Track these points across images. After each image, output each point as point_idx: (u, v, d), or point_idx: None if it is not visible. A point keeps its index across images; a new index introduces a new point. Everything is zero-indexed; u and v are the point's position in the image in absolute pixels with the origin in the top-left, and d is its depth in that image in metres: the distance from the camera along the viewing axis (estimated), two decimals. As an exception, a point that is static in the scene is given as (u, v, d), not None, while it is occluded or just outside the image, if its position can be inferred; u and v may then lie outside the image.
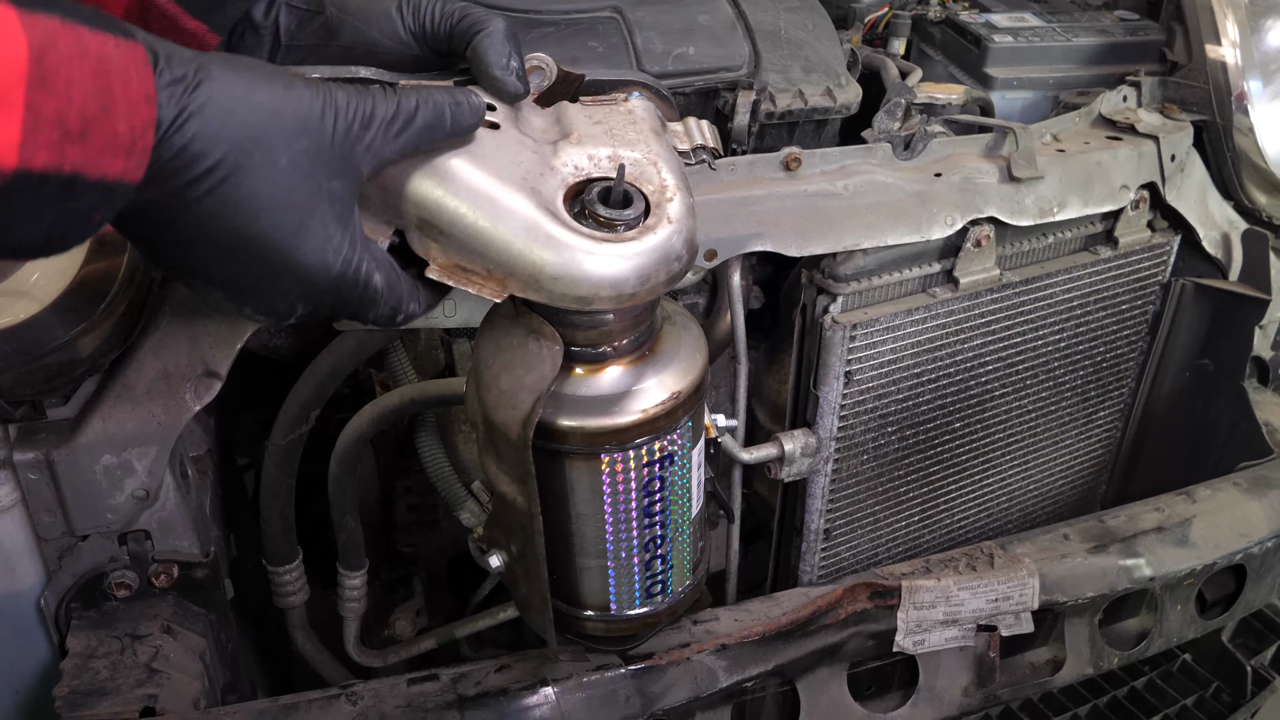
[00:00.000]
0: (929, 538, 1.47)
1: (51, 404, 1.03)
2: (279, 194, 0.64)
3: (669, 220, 0.74)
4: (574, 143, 0.77)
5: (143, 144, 0.56)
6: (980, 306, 1.30)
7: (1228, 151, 1.48)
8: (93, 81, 0.52)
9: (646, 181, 0.76)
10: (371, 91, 0.68)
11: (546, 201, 0.72)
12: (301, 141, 0.64)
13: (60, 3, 0.53)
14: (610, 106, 0.81)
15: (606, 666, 1.05)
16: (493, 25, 0.76)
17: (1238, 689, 1.53)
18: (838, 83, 1.28)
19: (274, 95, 0.63)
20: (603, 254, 0.71)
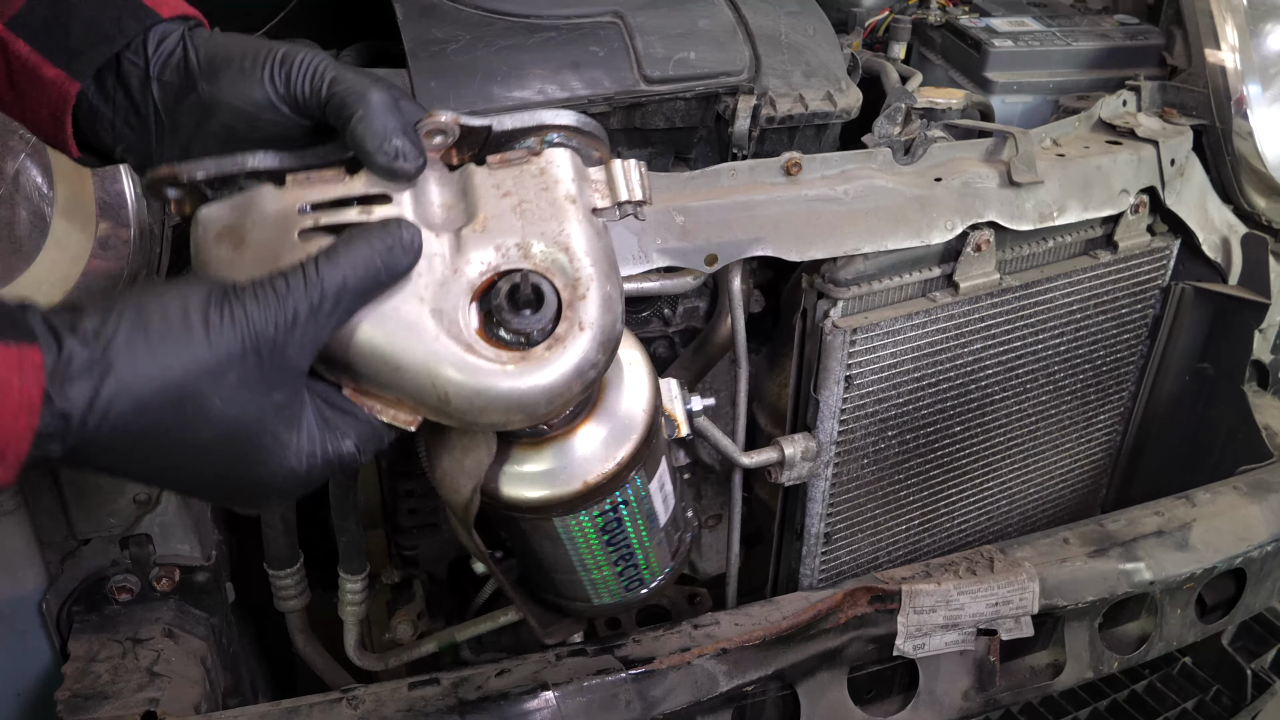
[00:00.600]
0: (929, 542, 1.47)
1: (53, 408, 1.03)
2: (219, 433, 0.62)
3: (580, 327, 0.69)
4: (479, 230, 0.70)
5: (15, 452, 0.55)
6: (980, 311, 1.30)
7: (1227, 155, 1.48)
8: None
9: (558, 272, 0.70)
10: (289, 286, 0.63)
11: (449, 322, 0.68)
12: (229, 378, 0.61)
13: None
14: (520, 168, 0.72)
15: (607, 671, 1.05)
16: (366, 105, 0.68)
17: (1238, 692, 1.53)
18: (838, 87, 1.28)
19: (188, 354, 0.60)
20: (510, 378, 0.68)
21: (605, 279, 0.71)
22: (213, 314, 0.61)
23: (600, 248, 0.72)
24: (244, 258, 0.69)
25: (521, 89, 1.19)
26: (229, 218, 0.71)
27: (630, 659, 1.07)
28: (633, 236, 1.11)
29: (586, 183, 0.75)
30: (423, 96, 1.15)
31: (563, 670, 1.05)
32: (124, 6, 0.71)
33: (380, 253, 0.66)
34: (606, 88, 1.21)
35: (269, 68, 0.69)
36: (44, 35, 0.69)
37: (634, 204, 0.76)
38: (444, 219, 0.72)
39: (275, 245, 0.69)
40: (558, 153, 0.73)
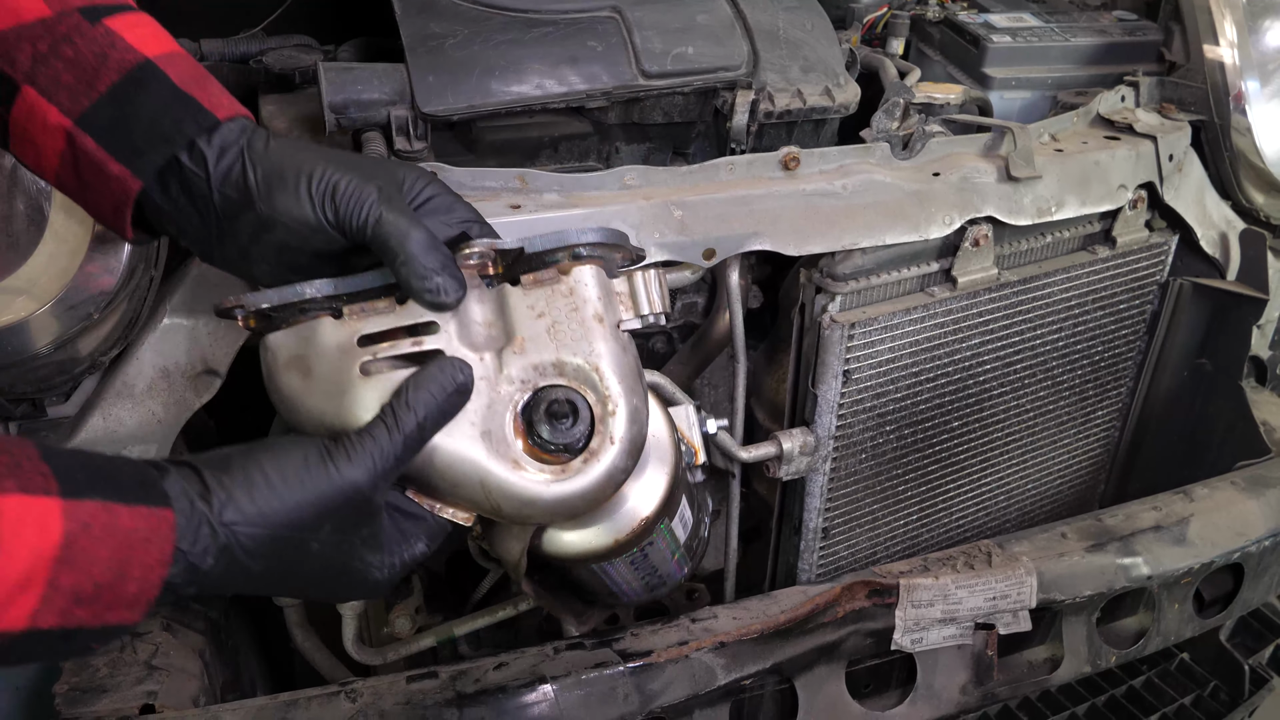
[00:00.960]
0: (927, 536, 1.47)
1: (52, 402, 1.04)
2: (316, 566, 0.73)
3: (611, 440, 0.79)
4: (518, 352, 0.79)
5: (148, 597, 0.63)
6: (978, 306, 1.31)
7: (1225, 151, 1.48)
8: (114, 555, 0.60)
9: (590, 389, 0.79)
10: (376, 440, 0.73)
11: (497, 441, 0.78)
12: (327, 527, 0.71)
13: (109, 478, 0.63)
14: (552, 288, 0.80)
15: (605, 664, 1.05)
16: (407, 249, 0.75)
17: (1235, 688, 1.53)
18: (836, 82, 1.28)
19: (294, 512, 0.69)
20: (552, 489, 0.78)
21: (632, 393, 0.81)
22: (311, 475, 0.70)
23: (626, 363, 0.81)
24: (312, 388, 0.79)
25: (519, 84, 1.19)
26: (295, 346, 0.80)
27: (628, 652, 1.07)
28: (631, 231, 1.11)
29: (612, 297, 0.83)
30: (420, 91, 1.15)
31: (561, 664, 1.05)
32: (183, 109, 0.77)
33: (443, 400, 0.75)
34: (604, 82, 1.21)
35: (321, 199, 0.76)
36: (110, 134, 0.75)
37: (655, 315, 0.86)
38: (485, 338, 0.80)
39: (339, 378, 0.78)
40: (584, 272, 0.81)
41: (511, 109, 1.18)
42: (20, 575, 0.57)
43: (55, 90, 0.74)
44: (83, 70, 0.75)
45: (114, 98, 0.75)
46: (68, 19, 0.75)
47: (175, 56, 0.79)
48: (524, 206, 1.09)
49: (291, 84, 1.32)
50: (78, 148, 0.75)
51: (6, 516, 0.56)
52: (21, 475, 0.58)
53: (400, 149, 1.18)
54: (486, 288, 0.81)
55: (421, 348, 0.78)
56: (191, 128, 0.76)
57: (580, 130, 1.27)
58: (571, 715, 1.02)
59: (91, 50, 0.75)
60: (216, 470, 0.68)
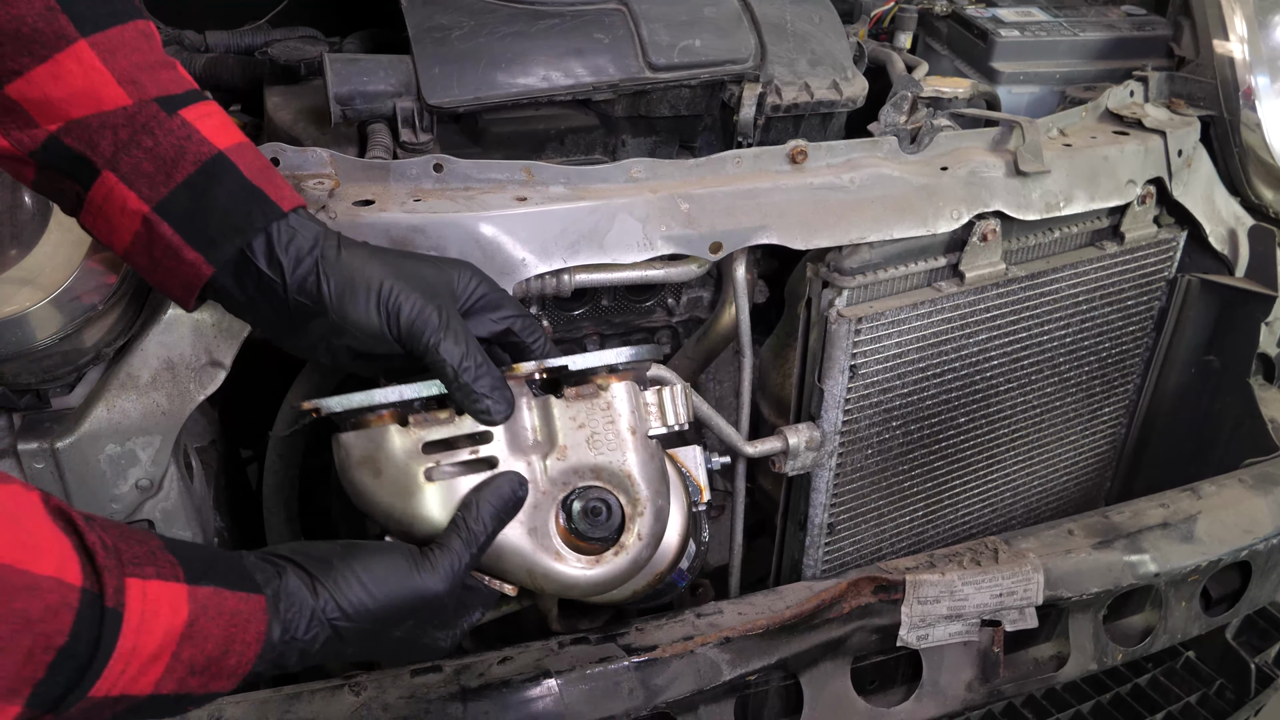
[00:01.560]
0: (933, 532, 1.46)
1: (56, 393, 1.03)
2: (396, 647, 0.85)
3: (639, 536, 0.93)
4: (561, 459, 0.92)
5: (243, 670, 0.73)
6: (986, 301, 1.30)
7: (1235, 147, 1.48)
8: (223, 633, 0.70)
9: (621, 491, 0.93)
10: (452, 548, 0.85)
11: (541, 535, 0.91)
12: (409, 621, 0.83)
13: (217, 567, 0.72)
14: (591, 403, 0.92)
15: (609, 659, 1.05)
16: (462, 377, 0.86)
17: (1241, 687, 1.53)
18: (844, 76, 1.28)
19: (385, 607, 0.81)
20: (587, 574, 0.92)
21: (658, 495, 0.94)
22: (399, 584, 0.81)
23: (654, 469, 0.95)
24: (382, 487, 0.90)
25: (525, 76, 1.18)
26: (365, 448, 0.90)
27: (633, 647, 1.07)
28: (637, 224, 1.11)
29: (643, 409, 0.95)
30: (426, 83, 1.15)
31: (565, 658, 1.05)
32: (251, 200, 0.84)
33: (504, 511, 0.88)
34: (611, 75, 1.20)
35: (387, 318, 0.86)
36: (185, 221, 0.82)
37: (679, 425, 0.98)
38: (532, 443, 0.92)
39: (406, 481, 0.89)
40: (620, 389, 0.93)
41: (517, 101, 1.18)
42: (155, 648, 0.65)
43: (135, 177, 0.81)
44: (162, 161, 0.81)
45: (190, 187, 0.82)
46: (147, 109, 0.81)
47: (243, 147, 0.85)
48: (530, 199, 1.08)
49: (297, 76, 1.32)
50: (154, 232, 0.82)
51: (149, 598, 0.65)
52: (157, 563, 0.67)
53: (406, 141, 1.18)
54: (534, 396, 0.93)
55: (478, 455, 0.90)
56: (259, 219, 0.84)
57: (586, 123, 1.26)
58: (576, 710, 1.02)
59: (170, 141, 0.81)
60: (321, 571, 0.79)
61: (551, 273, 1.11)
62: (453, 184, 1.09)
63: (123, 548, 0.65)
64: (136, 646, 0.64)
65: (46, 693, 0.60)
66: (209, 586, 0.70)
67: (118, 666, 0.63)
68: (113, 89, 0.80)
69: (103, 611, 0.62)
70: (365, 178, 1.08)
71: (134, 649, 0.64)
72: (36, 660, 0.59)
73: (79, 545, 0.63)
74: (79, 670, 0.61)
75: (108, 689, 0.63)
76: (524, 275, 1.08)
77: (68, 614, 0.60)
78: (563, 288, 1.14)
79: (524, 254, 1.07)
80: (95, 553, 0.63)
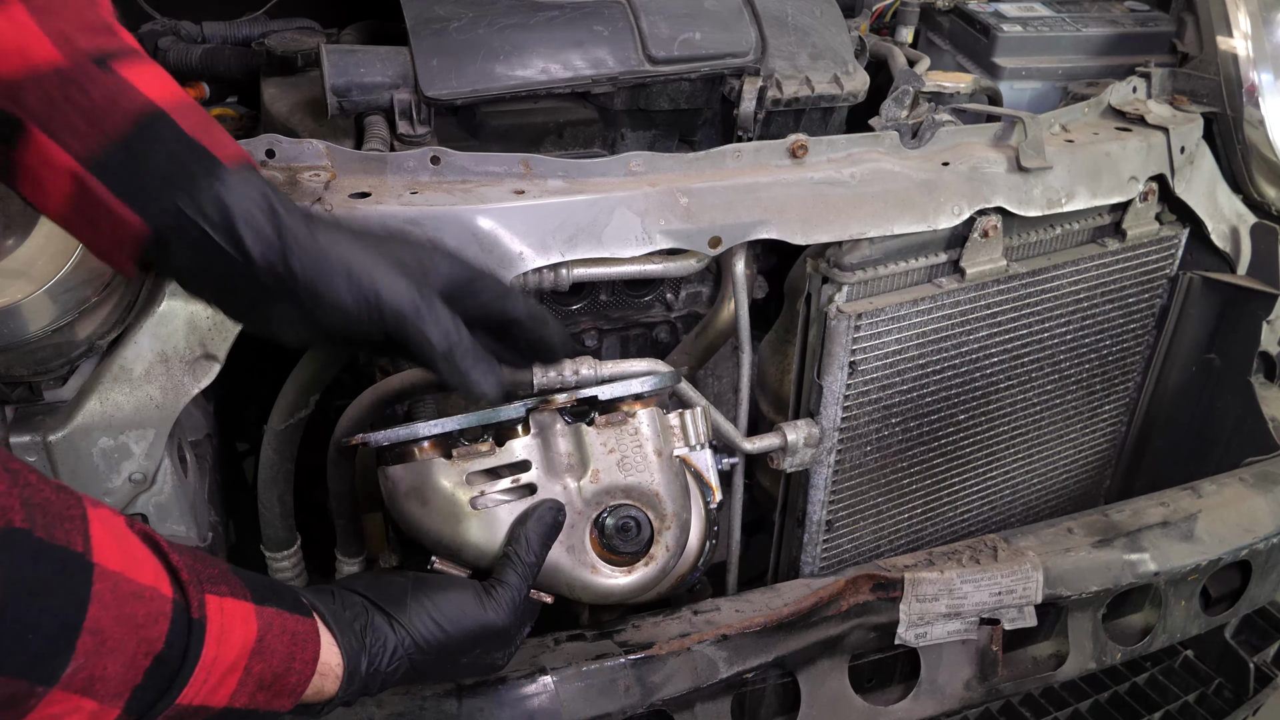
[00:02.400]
0: (932, 530, 1.46)
1: (48, 385, 1.03)
2: (463, 669, 0.92)
3: (665, 548, 1.01)
4: (593, 482, 0.99)
5: (301, 689, 0.76)
6: (986, 298, 1.29)
7: (1238, 144, 1.47)
8: (286, 650, 0.74)
9: (650, 508, 1.00)
10: (510, 583, 0.92)
11: (578, 552, 0.99)
12: (477, 650, 0.90)
13: (277, 593, 0.77)
14: (620, 429, 1.00)
15: (605, 656, 1.04)
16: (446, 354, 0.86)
17: (1240, 686, 1.52)
18: (845, 70, 1.27)
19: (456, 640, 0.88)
20: (620, 583, 1.00)
21: (682, 510, 1.03)
22: (469, 620, 0.88)
23: (679, 487, 1.03)
24: (430, 515, 0.96)
25: (524, 68, 1.17)
26: (412, 480, 0.97)
27: (630, 644, 1.06)
28: (636, 218, 1.10)
29: (668, 432, 1.04)
30: (424, 75, 1.14)
31: (561, 655, 1.04)
32: (191, 155, 0.78)
33: (548, 537, 0.95)
34: (611, 68, 1.19)
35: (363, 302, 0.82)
36: (119, 179, 0.76)
37: (701, 445, 1.06)
38: (566, 467, 0.99)
39: (453, 510, 0.96)
40: (645, 415, 1.01)
41: (516, 94, 1.17)
42: (232, 660, 0.69)
43: (65, 133, 0.75)
44: (93, 115, 0.76)
45: (123, 144, 0.76)
46: (80, 64, 0.77)
47: (185, 105, 0.80)
48: (528, 192, 1.07)
49: (294, 67, 1.31)
50: (86, 190, 0.77)
51: (226, 613, 0.69)
52: (229, 584, 0.71)
53: (403, 133, 1.17)
54: (566, 424, 1.00)
55: (519, 483, 0.97)
56: (201, 175, 0.78)
57: (586, 116, 1.25)
58: (571, 707, 1.01)
59: (102, 96, 0.76)
60: (397, 610, 0.86)
61: (549, 267, 1.10)
62: (450, 177, 1.08)
63: (199, 568, 0.70)
64: (218, 657, 0.68)
65: (143, 697, 0.63)
66: (272, 607, 0.74)
67: (201, 675, 0.67)
68: (44, 46, 0.75)
69: (189, 622, 0.66)
70: (362, 170, 1.07)
71: (215, 659, 0.68)
72: (138, 665, 0.62)
73: (165, 563, 0.67)
74: (170, 677, 0.65)
75: (191, 697, 0.67)
76: (521, 269, 1.07)
77: (164, 622, 0.64)
78: (560, 282, 1.13)
79: (521, 247, 1.06)
80: (179, 570, 0.67)
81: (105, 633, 0.59)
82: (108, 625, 0.60)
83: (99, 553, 0.60)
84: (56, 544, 0.58)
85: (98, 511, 0.63)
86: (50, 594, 0.57)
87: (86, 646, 0.58)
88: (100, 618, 0.59)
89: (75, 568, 0.59)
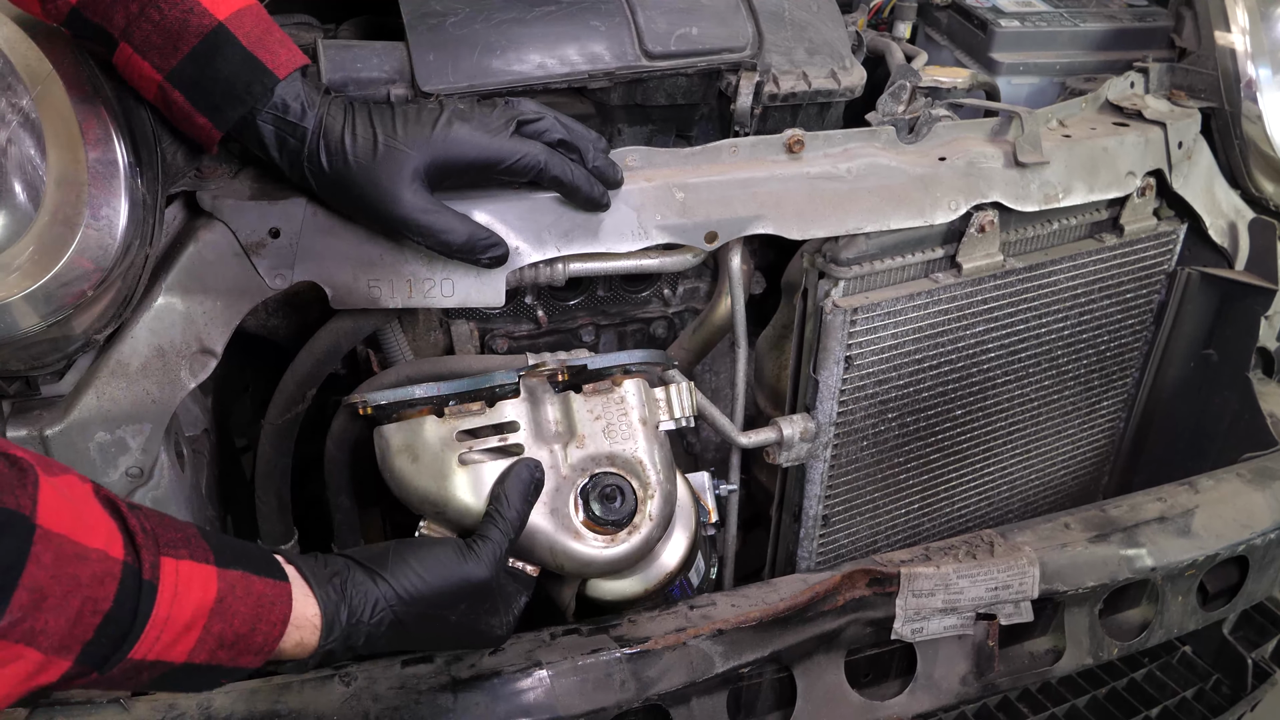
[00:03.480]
0: (929, 525, 1.46)
1: (45, 380, 1.03)
2: (455, 632, 0.93)
3: (650, 518, 1.01)
4: (579, 447, 1.00)
5: (269, 648, 0.79)
6: (983, 293, 1.29)
7: (1236, 139, 1.47)
8: (250, 611, 0.77)
9: (634, 476, 1.01)
10: (491, 537, 0.93)
11: (562, 516, 0.99)
12: (462, 605, 0.92)
13: (246, 556, 0.79)
14: (607, 397, 1.02)
15: (601, 650, 1.04)
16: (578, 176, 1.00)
17: (1238, 682, 1.52)
18: (842, 65, 1.26)
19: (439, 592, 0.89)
20: (605, 553, 1.00)
21: (667, 480, 1.03)
22: (450, 573, 0.90)
23: (663, 457, 1.03)
24: (420, 471, 0.99)
25: (521, 63, 1.17)
26: (404, 438, 1.00)
27: (625, 639, 1.06)
28: (632, 213, 1.10)
29: (653, 404, 1.05)
30: (420, 69, 1.14)
31: (557, 649, 1.04)
32: (249, 70, 0.93)
33: (527, 493, 0.97)
34: (607, 63, 1.19)
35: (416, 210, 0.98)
36: (193, 89, 0.93)
37: (686, 418, 1.07)
38: (554, 433, 1.02)
39: (441, 466, 0.98)
40: (632, 385, 1.03)
41: (512, 89, 1.17)
42: (188, 619, 0.72)
43: (147, 49, 0.90)
44: (168, 33, 0.90)
45: (194, 59, 0.91)
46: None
47: (243, 14, 0.93)
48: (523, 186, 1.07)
49: (291, 62, 1.31)
50: (168, 98, 0.93)
51: (182, 576, 0.73)
52: (191, 547, 0.75)
53: (399, 128, 1.17)
54: (555, 393, 1.02)
55: (506, 443, 0.99)
56: (258, 89, 0.94)
57: (582, 111, 1.25)
58: (567, 701, 1.01)
59: (175, 14, 0.90)
60: (379, 564, 0.88)
61: (545, 261, 1.10)
62: (446, 171, 1.08)
63: (160, 533, 0.73)
64: (170, 616, 0.71)
65: (95, 652, 0.68)
66: (237, 570, 0.77)
67: (153, 633, 0.70)
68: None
69: (140, 583, 0.69)
70: (358, 165, 1.07)
71: (168, 618, 0.71)
72: (86, 622, 0.66)
73: (123, 527, 0.71)
74: (121, 634, 0.69)
75: (144, 653, 0.71)
76: (517, 264, 1.07)
77: (112, 583, 0.68)
78: (556, 277, 1.13)
79: (517, 242, 1.06)
80: (135, 534, 0.71)
81: (44, 590, 0.63)
82: (45, 583, 0.63)
83: (44, 516, 0.64)
84: (2, 507, 0.62)
85: (57, 479, 0.68)
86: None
87: (22, 601, 0.62)
88: (37, 575, 0.63)
89: (15, 529, 0.63)
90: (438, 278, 1.06)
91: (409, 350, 1.20)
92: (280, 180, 1.04)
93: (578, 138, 1.04)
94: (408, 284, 1.06)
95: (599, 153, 1.06)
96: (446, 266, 1.06)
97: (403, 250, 1.05)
